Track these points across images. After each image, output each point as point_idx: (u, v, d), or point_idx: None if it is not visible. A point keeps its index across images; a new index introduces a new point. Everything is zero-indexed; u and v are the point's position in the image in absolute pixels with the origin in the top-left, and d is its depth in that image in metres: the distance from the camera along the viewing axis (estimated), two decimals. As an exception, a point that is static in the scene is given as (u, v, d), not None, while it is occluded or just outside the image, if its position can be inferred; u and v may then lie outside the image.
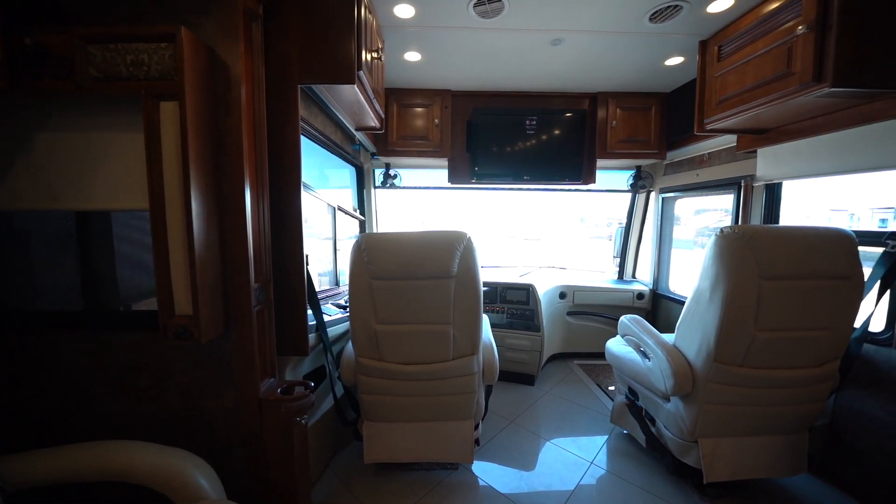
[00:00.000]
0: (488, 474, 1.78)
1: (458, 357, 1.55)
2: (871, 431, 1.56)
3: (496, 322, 2.69)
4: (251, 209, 1.20)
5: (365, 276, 1.47)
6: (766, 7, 1.55)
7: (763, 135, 1.97)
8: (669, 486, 1.67)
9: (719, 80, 1.80)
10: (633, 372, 1.77)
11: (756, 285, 1.29)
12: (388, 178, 3.06)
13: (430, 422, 1.67)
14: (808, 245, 1.30)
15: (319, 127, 1.92)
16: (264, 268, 1.27)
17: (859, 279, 1.32)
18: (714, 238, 1.36)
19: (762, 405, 1.44)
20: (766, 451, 1.51)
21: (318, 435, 1.71)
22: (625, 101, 2.68)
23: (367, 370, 1.58)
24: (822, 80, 1.32)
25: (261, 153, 1.25)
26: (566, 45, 2.02)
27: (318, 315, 1.62)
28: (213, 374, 1.22)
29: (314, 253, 2.58)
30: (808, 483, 1.69)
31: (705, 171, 2.50)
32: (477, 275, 1.48)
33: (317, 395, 1.82)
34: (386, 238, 1.51)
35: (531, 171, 2.79)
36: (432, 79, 2.54)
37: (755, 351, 1.34)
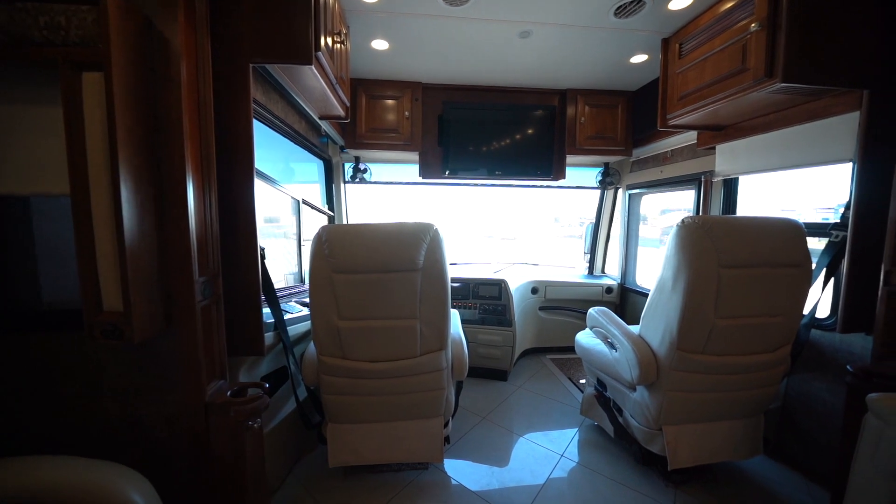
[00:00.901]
0: (459, 472, 1.74)
1: (426, 353, 1.50)
2: (818, 412, 1.64)
3: (468, 318, 2.67)
4: (194, 196, 1.09)
5: (326, 270, 1.39)
6: (723, 6, 1.61)
7: (721, 132, 2.05)
8: (636, 475, 1.70)
9: (680, 77, 1.85)
10: (601, 363, 1.79)
11: (715, 273, 1.33)
12: (358, 171, 2.96)
13: (397, 421, 1.61)
14: (762, 234, 1.35)
15: (280, 115, 1.82)
16: (211, 260, 1.17)
17: (808, 267, 1.39)
18: (676, 228, 1.39)
19: (722, 391, 1.49)
20: (726, 436, 1.56)
21: (278, 440, 1.61)
22: (593, 99, 2.73)
23: (329, 369, 1.50)
24: (773, 76, 1.38)
25: (206, 136, 1.15)
26: (535, 38, 2.02)
27: (277, 312, 1.53)
28: (152, 378, 1.11)
29: (282, 252, 2.46)
30: (764, 464, 1.77)
31: (669, 168, 2.58)
32: (444, 267, 1.44)
33: (277, 398, 1.72)
34: (348, 230, 1.43)
35: (503, 165, 2.79)
36: (402, 70, 2.48)
37: (715, 338, 1.38)
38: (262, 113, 1.68)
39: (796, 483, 1.65)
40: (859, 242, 1.42)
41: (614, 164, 3.09)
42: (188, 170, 1.06)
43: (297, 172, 2.84)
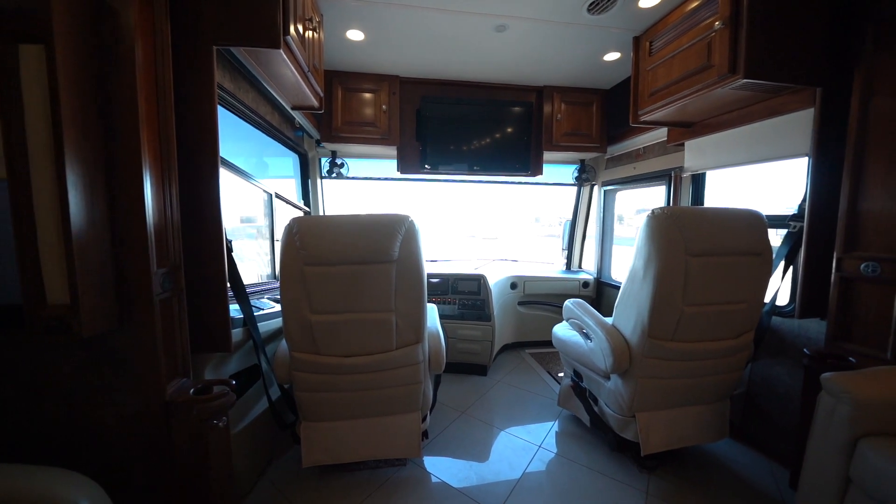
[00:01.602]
0: (438, 467, 1.72)
1: (402, 346, 1.48)
2: (779, 395, 1.72)
3: (448, 313, 2.66)
4: (152, 183, 1.03)
5: (297, 263, 1.34)
6: (689, 4, 1.66)
7: (690, 128, 2.12)
8: (611, 462, 1.73)
9: (650, 74, 1.90)
10: (577, 354, 1.82)
11: (683, 262, 1.37)
12: (335, 166, 2.90)
13: (373, 417, 1.58)
14: (726, 224, 1.40)
15: (251, 104, 1.75)
16: (172, 251, 1.11)
17: (769, 255, 1.45)
18: (646, 218, 1.42)
19: (690, 377, 1.53)
20: (695, 421, 1.62)
21: (248, 441, 1.55)
22: (568, 96, 2.77)
23: (302, 366, 1.45)
24: (736, 72, 1.43)
25: (166, 120, 1.09)
26: (511, 32, 2.03)
27: (246, 308, 1.47)
28: (105, 377, 1.04)
29: (256, 253, 2.37)
30: (730, 447, 1.84)
31: (641, 164, 2.65)
32: (420, 259, 1.42)
33: (248, 397, 1.66)
34: (320, 221, 1.39)
35: (481, 161, 2.79)
36: (379, 63, 2.44)
37: (683, 325, 1.42)
38: (230, 101, 1.62)
39: (760, 464, 1.73)
40: (814, 232, 1.49)
41: (590, 160, 3.15)
42: (144, 155, 1.00)
43: (272, 167, 2.76)
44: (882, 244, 1.29)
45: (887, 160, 1.29)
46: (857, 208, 1.37)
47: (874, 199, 1.32)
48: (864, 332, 1.34)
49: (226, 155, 1.69)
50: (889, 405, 1.08)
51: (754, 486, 1.59)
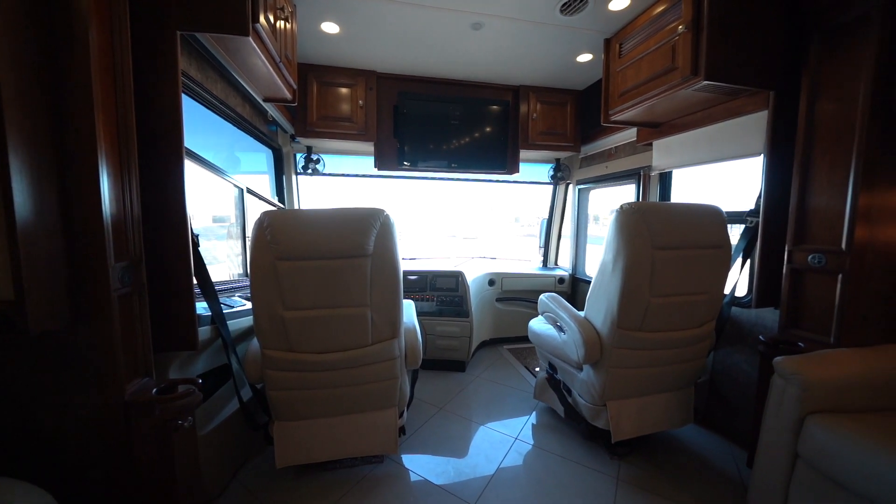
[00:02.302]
0: (415, 463, 1.72)
1: (378, 341, 1.47)
2: (739, 382, 1.83)
3: (426, 310, 2.66)
4: (109, 172, 0.98)
5: (268, 258, 1.31)
6: (656, 9, 1.73)
7: (657, 129, 2.21)
8: (585, 451, 1.78)
9: (620, 75, 1.97)
10: (551, 347, 1.86)
11: (650, 255, 1.42)
12: (310, 162, 2.84)
13: (349, 415, 1.56)
14: (689, 218, 1.48)
15: (220, 95, 1.70)
16: (132, 245, 1.06)
17: (728, 248, 1.53)
18: (616, 213, 1.47)
19: (657, 366, 1.60)
20: (662, 408, 1.69)
21: (218, 443, 1.49)
22: (544, 96, 2.83)
23: (275, 364, 1.41)
24: (698, 74, 1.50)
25: (124, 106, 1.03)
26: (487, 30, 2.05)
27: (215, 304, 1.42)
28: (58, 377, 0.98)
29: (227, 254, 2.29)
30: (695, 432, 1.94)
31: (613, 163, 2.74)
32: (395, 254, 1.41)
33: (218, 398, 1.60)
34: (292, 215, 1.36)
35: (459, 158, 2.81)
36: (355, 57, 2.41)
37: (650, 316, 1.48)
38: (198, 91, 1.56)
39: (722, 446, 1.82)
40: (769, 227, 1.59)
41: (565, 159, 3.23)
42: (100, 142, 0.95)
43: (244, 162, 2.67)
44: (827, 237, 1.39)
45: (830, 160, 1.39)
46: (805, 204, 1.47)
47: (820, 195, 1.42)
48: (811, 319, 1.44)
49: (194, 147, 1.63)
50: (832, 385, 1.16)
51: (716, 468, 1.67)
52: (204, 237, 2.24)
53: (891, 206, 1.33)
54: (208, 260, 2.03)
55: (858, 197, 1.30)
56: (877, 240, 1.33)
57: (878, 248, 1.34)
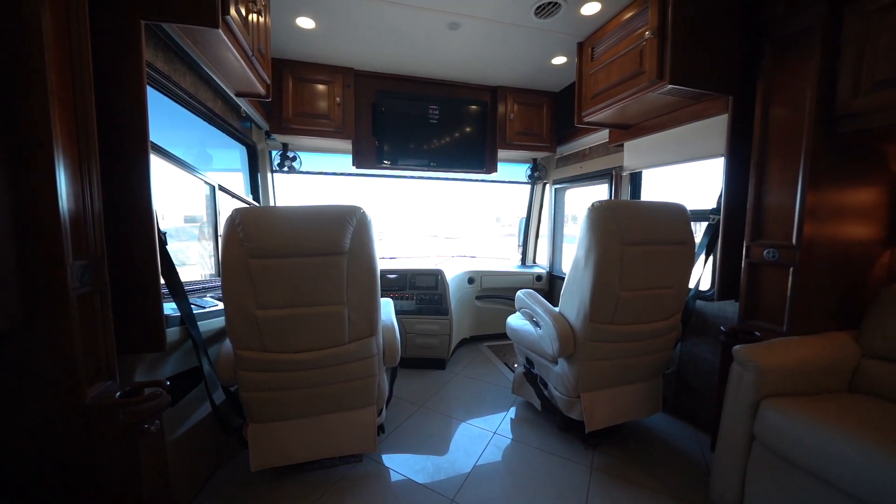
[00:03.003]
0: (395, 461, 1.72)
1: (355, 339, 1.46)
2: (703, 371, 1.93)
3: (406, 309, 2.66)
4: (66, 165, 0.94)
5: (240, 255, 1.28)
6: (625, 15, 1.80)
7: (628, 130, 2.30)
8: (560, 442, 1.83)
9: (592, 78, 2.04)
10: (528, 342, 1.90)
11: (619, 251, 1.48)
12: (287, 159, 2.78)
13: (327, 414, 1.54)
14: (655, 215, 1.55)
15: (190, 89, 1.64)
16: (92, 242, 1.01)
17: (692, 244, 1.62)
18: (587, 211, 1.53)
19: (627, 357, 1.67)
20: (632, 398, 1.76)
21: (189, 448, 1.45)
22: (521, 97, 2.89)
23: (248, 364, 1.38)
24: (663, 78, 1.58)
25: (83, 97, 0.99)
26: (464, 31, 2.08)
27: (184, 304, 1.37)
28: (8, 382, 0.93)
29: (201, 255, 2.22)
30: (663, 420, 2.03)
31: (587, 164, 2.82)
32: (372, 250, 1.41)
33: (189, 401, 1.55)
34: (265, 212, 1.34)
35: (438, 157, 2.82)
36: (332, 53, 2.39)
37: (620, 309, 1.54)
38: (166, 84, 1.50)
39: (688, 433, 1.92)
40: (729, 224, 1.69)
41: (542, 160, 3.30)
42: (56, 135, 0.91)
43: (217, 159, 2.58)
44: (779, 233, 1.49)
45: (782, 161, 1.49)
46: (761, 202, 1.56)
47: (773, 194, 1.52)
48: (767, 309, 1.54)
49: (162, 143, 1.57)
50: (784, 370, 1.25)
51: (683, 453, 1.76)
52: (175, 238, 2.18)
53: (833, 205, 1.44)
54: (180, 262, 1.97)
55: (806, 196, 1.40)
56: (822, 235, 1.44)
57: (824, 242, 1.45)
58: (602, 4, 1.81)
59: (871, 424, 1.06)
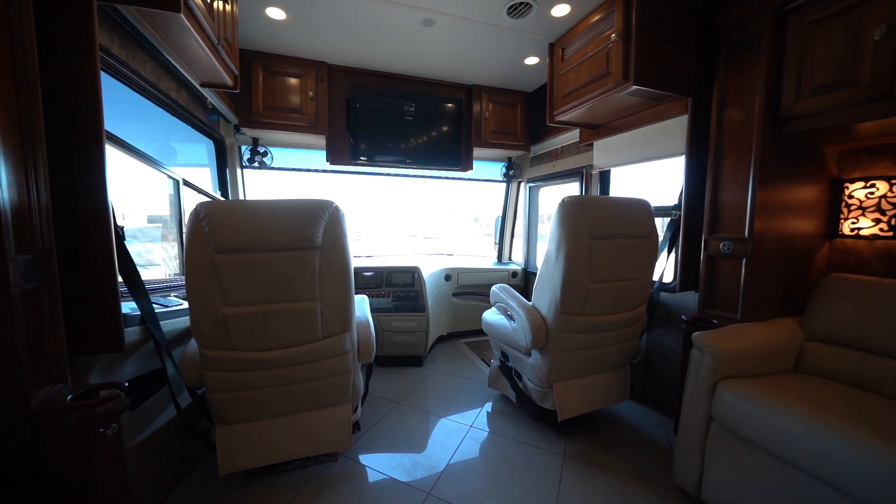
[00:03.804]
0: (371, 459, 1.71)
1: (329, 336, 1.44)
2: (668, 360, 2.03)
3: (382, 306, 2.64)
4: (7, 154, 0.87)
5: (205, 250, 1.23)
6: (593, 17, 1.87)
7: (597, 130, 2.39)
8: (534, 432, 1.88)
9: (563, 78, 2.10)
10: (503, 335, 1.94)
11: (588, 244, 1.54)
12: (257, 154, 2.70)
13: (299, 413, 1.51)
14: (621, 210, 1.62)
15: (150, 78, 1.56)
16: (39, 235, 0.95)
17: (655, 238, 1.70)
18: (558, 206, 1.57)
19: (597, 347, 1.73)
20: (602, 386, 1.83)
21: (151, 455, 1.38)
22: (496, 96, 2.93)
23: (215, 364, 1.33)
24: (628, 79, 1.65)
25: (25, 82, 0.92)
26: (438, 28, 2.09)
27: (145, 302, 1.31)
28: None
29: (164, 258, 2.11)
30: (631, 407, 2.12)
31: (560, 163, 2.90)
32: (346, 245, 1.39)
33: (153, 405, 1.47)
34: (233, 205, 1.30)
35: (414, 154, 2.82)
36: (304, 46, 2.34)
37: (589, 300, 1.60)
38: (123, 72, 1.42)
39: (654, 419, 2.01)
40: (689, 219, 1.78)
41: (516, 158, 3.37)
42: (-6, 117, 0.84)
43: (182, 153, 2.47)
44: (734, 227, 1.59)
45: (735, 160, 1.59)
46: (717, 199, 1.67)
47: (728, 190, 1.62)
48: (723, 298, 1.64)
49: (122, 135, 1.49)
50: (738, 354, 1.34)
51: (649, 438, 1.84)
52: (138, 240, 2.06)
53: (780, 202, 1.55)
54: (144, 262, 1.87)
55: (756, 193, 1.51)
56: (770, 229, 1.55)
57: (772, 236, 1.56)
58: (571, 6, 1.87)
59: (812, 401, 1.16)
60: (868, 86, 1.21)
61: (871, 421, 1.03)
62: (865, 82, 1.21)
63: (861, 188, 1.58)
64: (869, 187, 1.56)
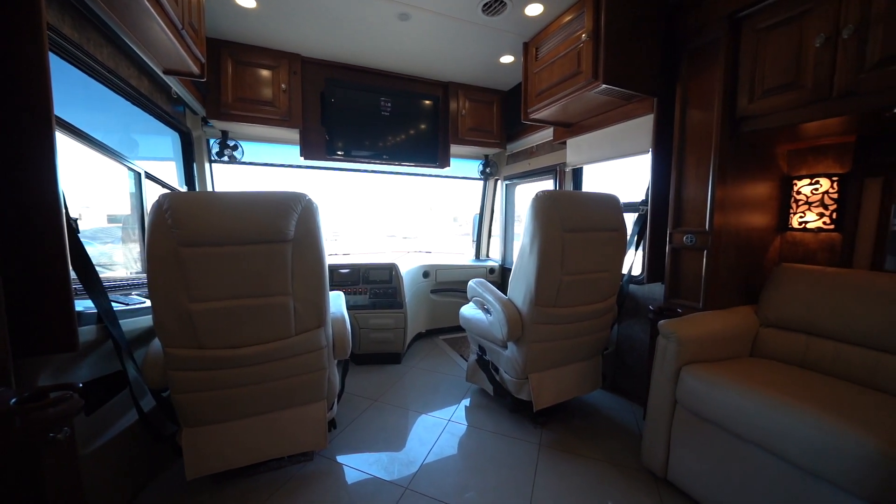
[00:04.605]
0: (349, 457, 1.68)
1: (302, 332, 1.41)
2: (637, 350, 2.11)
3: (360, 303, 2.61)
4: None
5: (169, 244, 1.18)
6: (565, 18, 1.92)
7: (569, 128, 2.46)
8: (511, 423, 1.91)
9: (536, 76, 2.15)
10: (480, 329, 1.96)
11: (560, 237, 1.58)
12: (227, 148, 2.60)
13: (272, 412, 1.47)
14: (592, 205, 1.67)
15: (108, 63, 1.48)
16: (-21, 225, 0.88)
17: (624, 231, 1.77)
18: (532, 200, 1.61)
19: (570, 338, 1.78)
20: (575, 376, 1.88)
21: (111, 462, 1.30)
22: (472, 94, 2.96)
23: (181, 363, 1.27)
24: (598, 78, 1.71)
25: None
26: (414, 23, 2.09)
27: (102, 300, 1.23)
28: None
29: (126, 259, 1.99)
30: (603, 396, 2.20)
31: (535, 161, 2.97)
32: (319, 239, 1.37)
33: (112, 409, 1.39)
34: (198, 197, 1.25)
35: (391, 150, 2.80)
36: (276, 37, 2.27)
37: (563, 292, 1.65)
38: (76, 55, 1.34)
39: (625, 406, 2.09)
40: (656, 214, 1.87)
41: (493, 156, 3.41)
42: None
43: (144, 146, 2.34)
44: (696, 221, 1.68)
45: (696, 158, 1.68)
46: (681, 194, 1.75)
47: (690, 186, 1.71)
48: (686, 289, 1.73)
49: (78, 124, 1.40)
50: (699, 340, 1.41)
51: (620, 424, 1.92)
52: (98, 241, 1.93)
53: (736, 197, 1.65)
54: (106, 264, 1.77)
55: (716, 189, 1.60)
56: (729, 223, 1.65)
57: (730, 229, 1.66)
58: (544, 6, 1.91)
59: (764, 382, 1.24)
60: (811, 88, 1.31)
61: (814, 397, 1.12)
62: (809, 85, 1.31)
63: (807, 185, 1.71)
64: (814, 184, 1.69)
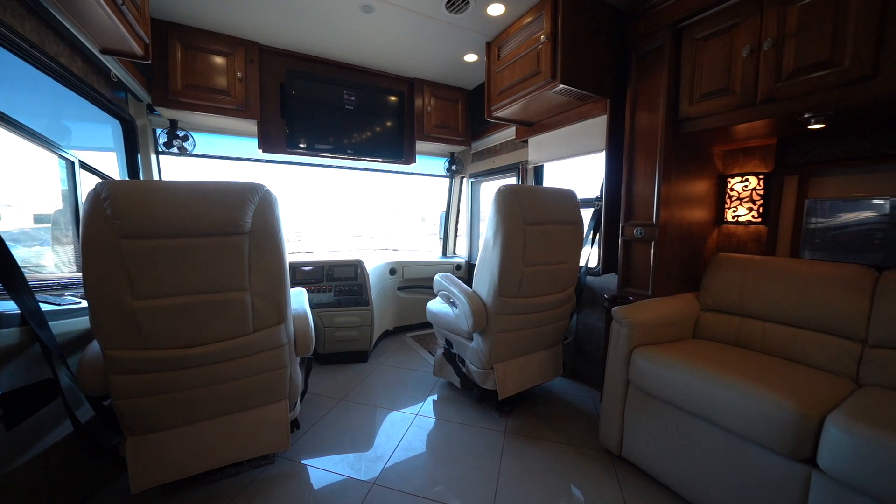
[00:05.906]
0: (313, 458, 1.63)
1: (262, 329, 1.35)
2: (595, 337, 2.23)
3: (324, 301, 2.54)
4: None
5: (108, 236, 1.08)
6: (525, 19, 1.99)
7: (531, 127, 2.54)
8: (478, 414, 1.95)
9: (499, 75, 2.20)
10: (446, 322, 1.98)
11: (522, 230, 1.64)
12: (176, 139, 2.43)
13: (228, 415, 1.40)
14: (551, 199, 1.75)
15: (31, 37, 1.34)
16: None
17: (581, 225, 1.86)
18: (495, 194, 1.66)
19: (532, 327, 1.85)
20: (538, 364, 1.96)
21: (39, 480, 1.17)
22: (437, 91, 2.98)
23: (122, 366, 1.17)
24: (556, 78, 1.79)
25: None
26: (377, 16, 2.07)
27: (26, 299, 1.12)
28: None
29: (58, 263, 1.80)
30: (564, 383, 2.30)
31: (499, 158, 3.04)
32: (278, 231, 1.32)
33: (42, 421, 1.26)
34: (142, 185, 1.16)
35: (355, 145, 2.75)
36: (232, 22, 2.16)
37: (524, 283, 1.71)
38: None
39: (585, 392, 2.20)
40: (610, 209, 1.98)
41: (458, 154, 3.45)
42: None
43: (79, 134, 2.13)
44: (644, 214, 1.80)
45: (644, 156, 1.80)
46: (631, 190, 1.87)
47: (639, 183, 1.83)
48: (637, 278, 1.85)
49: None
50: (648, 324, 1.52)
51: (580, 409, 2.02)
52: (23, 244, 1.73)
53: (679, 193, 1.79)
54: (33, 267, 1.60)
55: (661, 185, 1.72)
56: (673, 217, 1.79)
57: (675, 223, 1.80)
58: (506, 7, 1.97)
59: (703, 359, 1.36)
60: (740, 94, 1.45)
61: (745, 370, 1.25)
62: (738, 91, 1.46)
63: (739, 182, 1.89)
64: (744, 181, 1.87)
